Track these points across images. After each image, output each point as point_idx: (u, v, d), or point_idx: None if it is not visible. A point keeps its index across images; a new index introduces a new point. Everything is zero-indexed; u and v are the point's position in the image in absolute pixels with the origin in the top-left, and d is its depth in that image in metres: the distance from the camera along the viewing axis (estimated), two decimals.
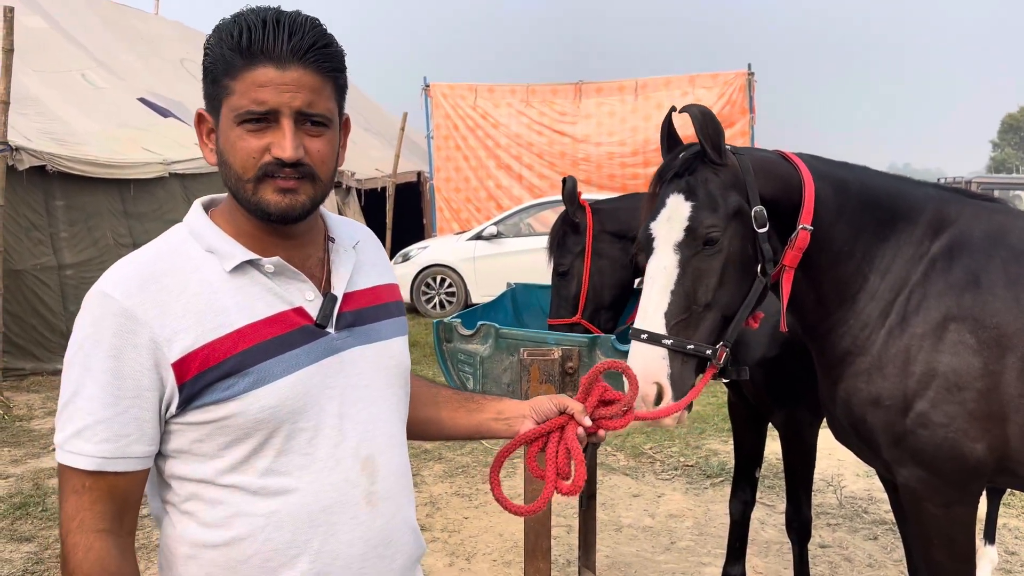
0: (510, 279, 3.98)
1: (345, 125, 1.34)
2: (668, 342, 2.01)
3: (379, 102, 19.15)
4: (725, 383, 3.36)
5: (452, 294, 11.57)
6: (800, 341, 2.65)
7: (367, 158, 14.36)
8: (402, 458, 1.40)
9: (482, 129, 14.70)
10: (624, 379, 1.64)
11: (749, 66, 14.02)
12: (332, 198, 11.14)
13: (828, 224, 2.25)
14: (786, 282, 2.20)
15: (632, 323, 2.10)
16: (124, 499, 1.20)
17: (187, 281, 1.22)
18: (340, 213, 10.96)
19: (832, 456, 5.47)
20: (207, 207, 1.34)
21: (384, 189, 13.64)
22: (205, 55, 1.24)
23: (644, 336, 2.03)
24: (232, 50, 1.19)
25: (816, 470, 5.25)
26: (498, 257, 11.16)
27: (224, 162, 1.24)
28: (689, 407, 2.04)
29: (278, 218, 1.24)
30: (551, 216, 9.60)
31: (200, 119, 1.29)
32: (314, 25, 1.23)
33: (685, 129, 2.16)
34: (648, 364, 2.01)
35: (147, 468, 1.22)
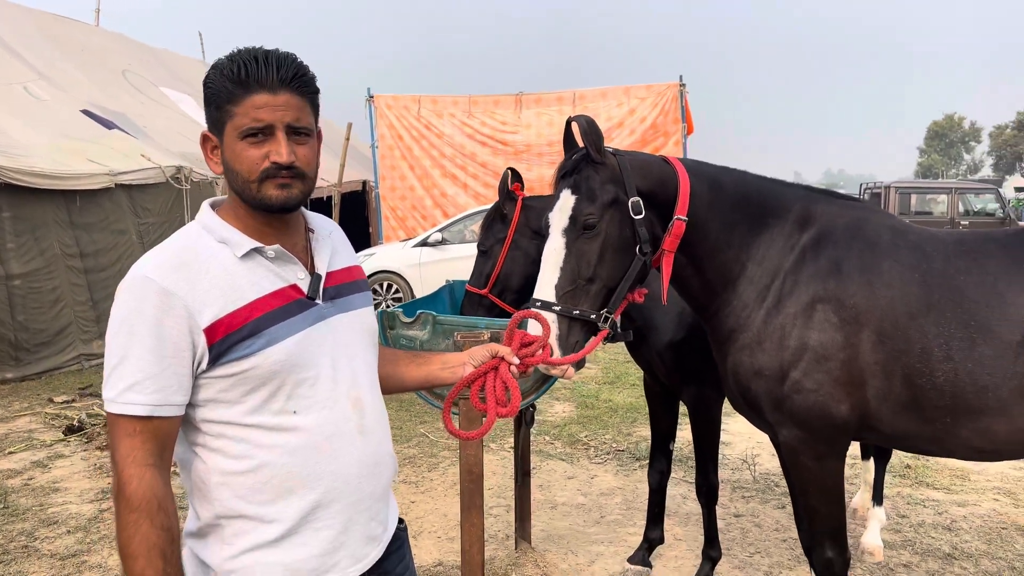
0: None
1: (319, 136, 1.69)
2: (557, 308, 2.39)
3: (324, 112, 19.29)
4: (634, 357, 3.75)
5: (399, 299, 11.84)
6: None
7: None
8: (380, 400, 1.75)
9: (427, 139, 15.01)
10: (536, 324, 1.99)
11: (680, 78, 14.62)
12: None
13: (704, 216, 2.65)
14: (666, 264, 2.61)
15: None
16: (165, 439, 1.50)
17: (208, 265, 1.54)
18: None
19: (752, 439, 5.95)
20: (213, 206, 1.67)
21: (330, 198, 13.82)
22: (207, 87, 1.57)
23: (538, 304, 2.40)
24: (232, 82, 1.53)
25: (735, 450, 5.75)
26: (443, 263, 11.46)
27: (231, 170, 1.57)
28: (581, 364, 2.38)
29: (279, 208, 1.58)
30: None
31: (205, 139, 1.62)
32: (294, 59, 1.59)
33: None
34: (538, 327, 2.37)
35: (182, 414, 1.53)
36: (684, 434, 5.28)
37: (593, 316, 2.43)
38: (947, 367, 2.46)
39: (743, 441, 5.97)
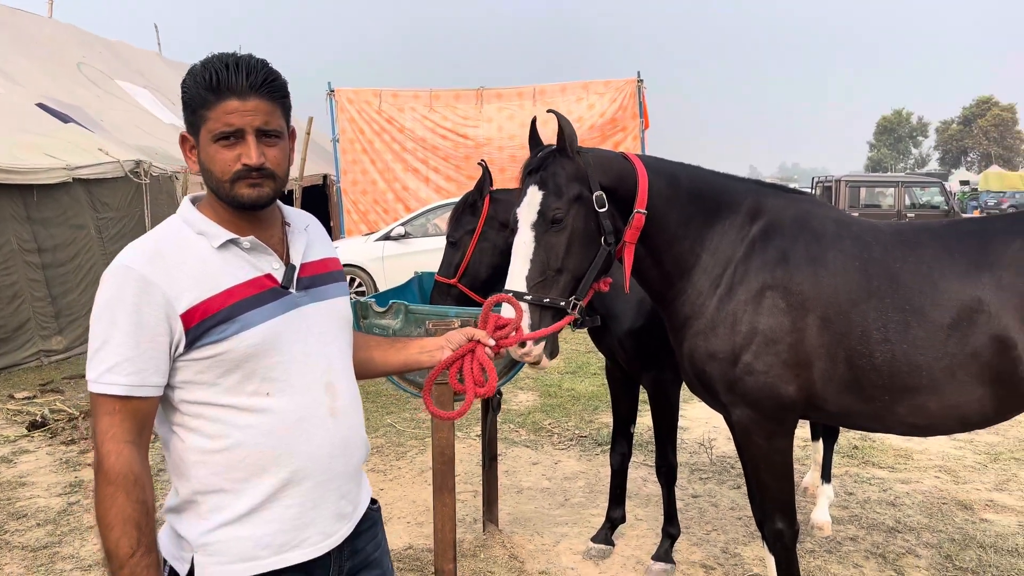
0: None
1: (291, 135, 1.78)
2: (528, 298, 2.52)
3: None
4: (597, 345, 3.92)
5: (362, 293, 11.87)
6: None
7: None
8: (354, 385, 1.86)
9: (388, 133, 14.99)
10: (509, 307, 2.12)
11: (639, 73, 14.83)
12: None
13: (662, 210, 2.81)
14: (627, 254, 2.76)
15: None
16: (143, 419, 1.60)
17: (186, 255, 1.64)
18: None
19: (709, 423, 6.18)
20: (194, 201, 1.76)
21: (291, 192, 13.80)
22: (184, 92, 1.67)
23: (510, 295, 2.53)
24: (205, 89, 1.62)
25: (692, 435, 5.96)
26: (406, 256, 11.48)
27: (206, 170, 1.68)
28: (554, 354, 2.54)
29: (250, 206, 1.68)
30: None
31: (184, 139, 1.72)
32: (264, 65, 1.68)
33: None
34: (512, 310, 2.50)
35: (159, 395, 1.62)
36: (644, 419, 5.46)
37: (563, 303, 2.56)
38: (885, 349, 2.65)
39: (700, 426, 6.19)
